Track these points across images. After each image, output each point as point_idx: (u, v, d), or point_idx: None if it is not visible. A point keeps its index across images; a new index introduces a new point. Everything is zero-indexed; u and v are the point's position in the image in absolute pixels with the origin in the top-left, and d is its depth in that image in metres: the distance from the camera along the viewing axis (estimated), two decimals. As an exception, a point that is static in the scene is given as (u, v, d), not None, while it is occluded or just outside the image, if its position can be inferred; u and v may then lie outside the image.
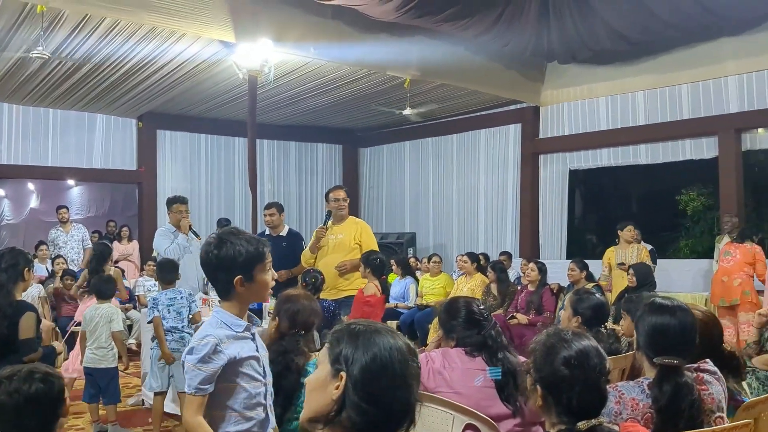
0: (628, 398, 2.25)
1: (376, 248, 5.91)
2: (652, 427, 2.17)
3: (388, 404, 1.52)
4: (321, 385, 1.58)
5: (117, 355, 5.24)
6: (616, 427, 1.89)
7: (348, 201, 6.10)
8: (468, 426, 2.66)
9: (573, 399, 1.87)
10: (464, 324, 2.85)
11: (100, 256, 6.42)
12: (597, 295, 3.60)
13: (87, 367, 5.22)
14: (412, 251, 11.68)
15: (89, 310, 5.35)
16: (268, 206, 6.54)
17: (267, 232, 6.50)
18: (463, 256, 8.39)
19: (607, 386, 2.00)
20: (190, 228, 6.09)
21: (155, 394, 5.06)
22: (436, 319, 7.57)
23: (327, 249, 5.88)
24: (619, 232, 7.71)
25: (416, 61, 9.18)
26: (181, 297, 5.09)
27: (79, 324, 5.77)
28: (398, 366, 1.53)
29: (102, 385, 5.16)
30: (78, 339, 5.50)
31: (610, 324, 3.67)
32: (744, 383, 4.17)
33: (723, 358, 2.52)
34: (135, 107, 10.94)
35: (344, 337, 1.59)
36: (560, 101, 10.93)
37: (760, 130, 9.15)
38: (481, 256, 9.20)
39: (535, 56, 9.99)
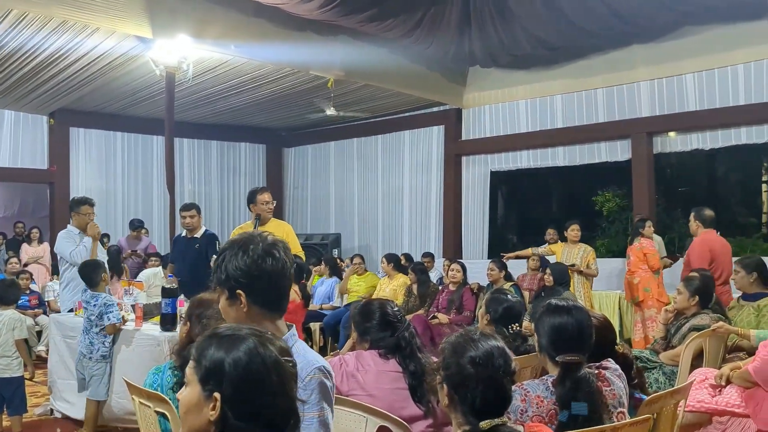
0: (533, 396, 2.29)
1: (300, 251, 5.82)
2: (556, 424, 2.22)
3: (270, 416, 1.42)
4: (195, 407, 1.44)
5: (22, 364, 5.00)
6: (520, 427, 1.92)
7: (275, 203, 5.95)
8: (381, 428, 2.65)
9: (477, 398, 1.90)
10: (378, 326, 2.84)
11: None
12: (510, 296, 3.66)
13: None
14: (337, 252, 11.64)
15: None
16: (188, 207, 6.34)
17: (183, 234, 6.32)
18: (384, 257, 8.43)
19: (513, 385, 2.03)
20: (97, 233, 5.84)
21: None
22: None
23: None
24: (565, 232, 7.89)
25: (340, 62, 9.15)
26: (94, 304, 4.85)
27: None
28: (274, 374, 1.43)
29: (6, 395, 4.90)
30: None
31: (525, 324, 3.72)
32: (652, 378, 4.34)
33: (616, 359, 2.61)
34: (46, 103, 10.47)
35: (209, 351, 1.45)
36: (482, 104, 11.12)
37: (671, 133, 9.55)
38: (402, 257, 9.24)
39: (457, 60, 10.12)
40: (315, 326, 8.15)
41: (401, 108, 11.65)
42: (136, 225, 9.99)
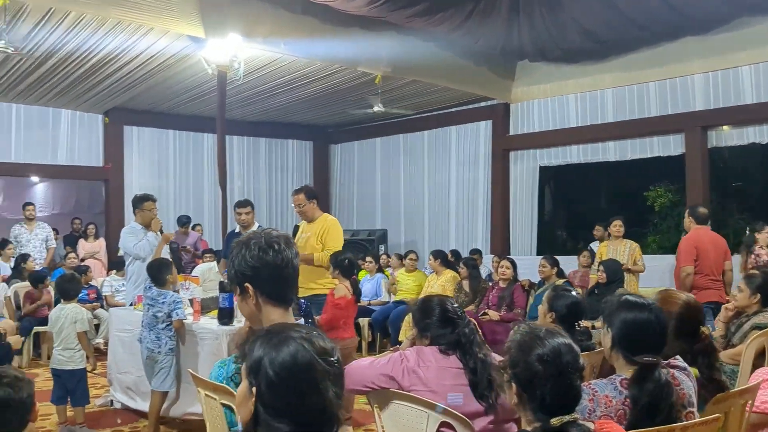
0: (602, 395, 2.26)
1: (340, 248, 5.77)
2: (626, 423, 2.19)
3: (298, 415, 1.47)
4: (243, 399, 1.53)
5: (84, 356, 5.15)
6: (590, 424, 1.90)
7: (307, 204, 5.88)
8: (443, 424, 2.66)
9: (546, 395, 1.89)
10: (438, 323, 2.84)
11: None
12: (573, 293, 3.62)
13: (54, 368, 5.12)
14: (383, 248, 11.68)
15: (54, 310, 5.26)
16: (243, 204, 6.41)
17: (237, 230, 6.40)
18: (431, 253, 8.43)
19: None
20: (161, 229, 5.99)
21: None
22: (409, 316, 7.58)
23: (300, 248, 5.83)
24: (608, 228, 7.79)
25: (388, 57, 9.16)
26: (162, 302, 4.95)
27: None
28: (305, 374, 1.47)
29: (70, 386, 5.06)
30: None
31: (584, 322, 3.69)
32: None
33: (701, 341, 2.55)
34: (101, 102, 10.74)
35: (254, 348, 1.53)
36: (530, 98, 11.01)
37: (725, 127, 9.32)
38: (449, 254, 9.21)
39: (505, 54, 10.04)
40: (364, 322, 8.20)
41: (448, 103, 11.61)
42: (184, 221, 10.17)
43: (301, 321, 2.38)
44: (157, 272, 5.03)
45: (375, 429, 2.97)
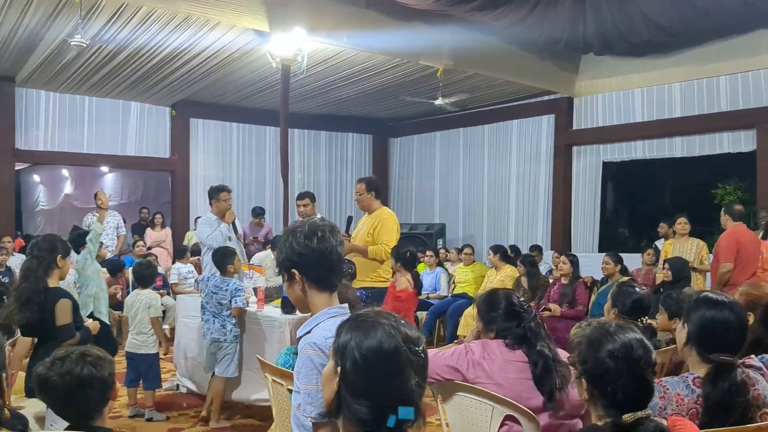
0: (673, 393, 2.22)
1: (394, 242, 5.66)
2: (698, 423, 2.15)
3: (378, 398, 1.51)
4: (328, 378, 1.59)
5: (157, 341, 5.30)
6: (663, 421, 1.87)
7: (365, 194, 5.86)
8: (507, 417, 2.66)
9: (618, 391, 1.87)
10: (504, 316, 2.83)
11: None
12: (639, 289, 3.56)
13: (128, 352, 5.31)
14: (441, 242, 11.66)
15: (130, 296, 5.46)
16: (301, 197, 6.50)
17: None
18: (490, 248, 8.40)
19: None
20: (234, 221, 6.13)
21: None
22: (470, 309, 7.58)
23: (352, 239, 5.86)
24: (672, 226, 7.63)
25: (449, 51, 9.13)
26: (225, 289, 5.09)
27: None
28: (388, 360, 1.51)
29: (142, 370, 5.23)
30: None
31: (646, 319, 3.62)
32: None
33: None
34: (169, 95, 11.05)
35: (343, 329, 1.60)
36: (595, 92, 10.80)
37: (800, 123, 8.96)
38: (509, 249, 9.13)
39: (569, 47, 9.87)
40: (422, 315, 8.22)
41: (510, 97, 11.50)
42: (258, 212, 10.30)
43: None
44: (220, 260, 5.16)
45: (438, 421, 2.99)
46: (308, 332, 2.02)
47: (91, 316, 5.66)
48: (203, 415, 5.12)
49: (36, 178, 17.50)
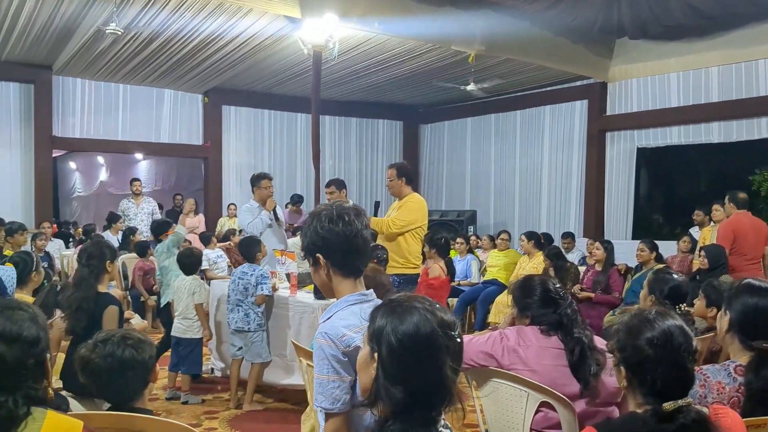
0: (714, 382, 2.19)
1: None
2: (739, 411, 2.11)
3: (414, 384, 1.52)
4: (365, 364, 1.60)
5: (201, 327, 5.36)
6: (705, 409, 1.84)
7: (396, 180, 5.72)
8: (542, 404, 2.64)
9: (657, 380, 1.84)
10: (540, 302, 2.81)
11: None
12: (676, 275, 3.51)
13: (174, 336, 5.38)
14: (472, 229, 11.61)
15: (177, 282, 5.52)
16: (328, 184, 6.49)
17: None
18: (522, 234, 8.33)
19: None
20: (275, 208, 6.18)
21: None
22: (501, 296, 7.54)
23: None
24: (710, 214, 7.54)
25: (481, 36, 9.04)
26: (251, 274, 5.14)
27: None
28: (425, 345, 1.52)
29: (184, 354, 5.29)
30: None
31: (684, 306, 3.57)
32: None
33: None
34: (201, 83, 11.14)
35: (378, 315, 1.59)
36: (629, 77, 10.63)
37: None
38: (541, 236, 9.02)
39: (603, 32, 9.72)
40: (452, 302, 8.20)
41: (542, 82, 11.37)
42: (296, 200, 10.33)
43: None
44: (246, 249, 5.24)
45: (472, 407, 2.99)
46: (328, 318, 2.02)
47: (167, 305, 6.09)
48: (230, 399, 5.18)
49: (72, 165, 17.81)
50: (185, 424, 2.16)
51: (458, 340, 1.58)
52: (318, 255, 2.05)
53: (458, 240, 9.16)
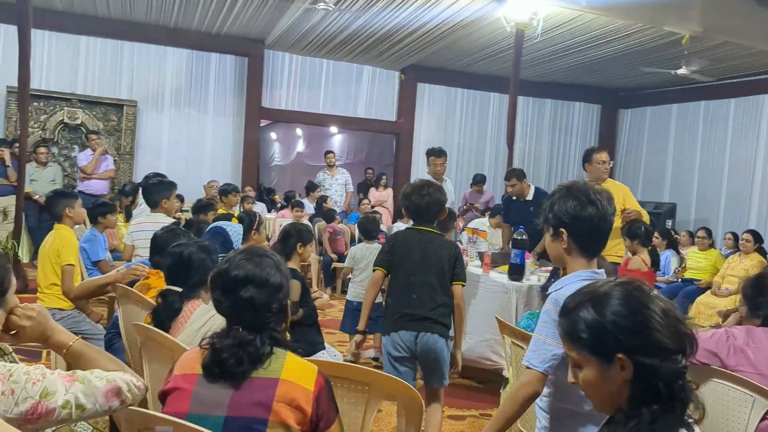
0: None
1: (644, 214, 5.48)
2: None
3: (665, 342, 1.41)
4: (601, 379, 1.44)
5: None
6: None
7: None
8: (770, 413, 2.42)
9: None
10: (776, 302, 2.57)
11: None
12: None
13: (350, 300, 5.61)
14: (671, 223, 10.89)
15: (359, 249, 5.75)
16: (507, 177, 6.38)
17: (514, 198, 6.33)
18: (746, 233, 7.67)
19: None
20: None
21: None
22: (704, 297, 7.03)
23: None
24: None
25: (700, 15, 8.33)
26: None
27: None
28: (655, 307, 1.42)
29: (373, 316, 5.47)
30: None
31: None
32: None
33: None
34: (399, 60, 11.37)
35: (580, 313, 1.47)
36: None
37: None
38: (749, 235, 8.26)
39: None
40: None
41: (763, 68, 10.30)
42: (478, 180, 10.33)
43: None
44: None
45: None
46: (559, 289, 2.07)
47: None
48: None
49: (273, 135, 19.00)
50: (409, 384, 2.23)
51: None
52: (562, 230, 2.10)
53: (655, 234, 8.62)
